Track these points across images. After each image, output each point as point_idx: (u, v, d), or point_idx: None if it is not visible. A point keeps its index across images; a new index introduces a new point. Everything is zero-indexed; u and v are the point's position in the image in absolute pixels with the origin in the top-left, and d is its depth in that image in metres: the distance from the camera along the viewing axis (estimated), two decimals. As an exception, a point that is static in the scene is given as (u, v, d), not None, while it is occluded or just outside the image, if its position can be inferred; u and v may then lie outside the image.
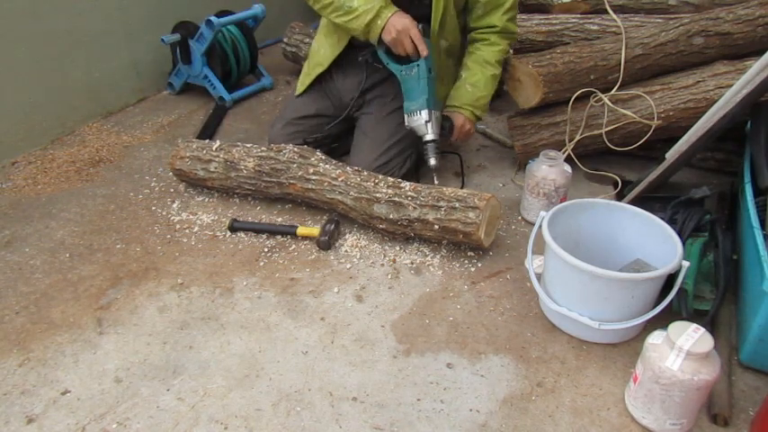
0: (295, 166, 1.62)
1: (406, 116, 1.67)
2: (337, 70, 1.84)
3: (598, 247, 1.35)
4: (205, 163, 1.71)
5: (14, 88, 2.00)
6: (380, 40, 1.59)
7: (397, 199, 1.50)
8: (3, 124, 1.98)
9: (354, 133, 1.88)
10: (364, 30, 1.58)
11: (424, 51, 1.58)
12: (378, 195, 1.52)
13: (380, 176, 1.57)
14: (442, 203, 1.46)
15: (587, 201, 1.38)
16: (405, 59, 1.63)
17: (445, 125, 1.72)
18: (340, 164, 1.64)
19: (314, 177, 1.60)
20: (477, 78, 1.76)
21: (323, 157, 1.65)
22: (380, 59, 1.67)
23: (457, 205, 1.45)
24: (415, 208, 1.48)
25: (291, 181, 1.63)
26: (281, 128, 1.87)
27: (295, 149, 1.67)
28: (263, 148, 1.70)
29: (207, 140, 1.82)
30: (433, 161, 1.65)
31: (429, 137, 1.64)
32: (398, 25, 1.55)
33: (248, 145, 1.73)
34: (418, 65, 1.60)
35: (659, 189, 1.61)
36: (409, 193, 1.50)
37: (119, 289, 1.42)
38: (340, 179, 1.56)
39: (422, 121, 1.63)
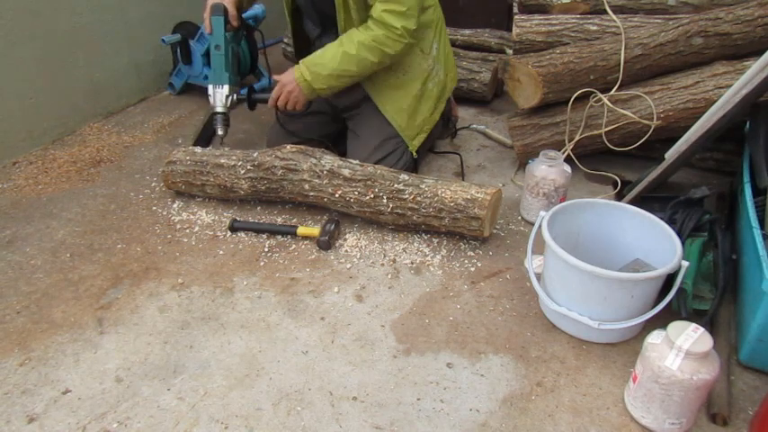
0: (287, 183, 1.62)
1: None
2: None
3: (598, 247, 1.36)
4: (199, 187, 1.72)
5: (15, 88, 2.00)
6: None
7: (399, 211, 1.52)
8: (3, 124, 1.98)
9: (347, 133, 1.88)
10: None
11: (206, 29, 1.83)
12: (380, 209, 1.54)
13: (377, 185, 1.54)
14: (443, 214, 1.48)
15: (587, 201, 1.39)
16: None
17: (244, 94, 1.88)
18: (333, 166, 1.62)
19: (312, 194, 1.61)
20: (330, 47, 1.66)
21: (315, 171, 1.60)
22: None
23: (459, 216, 1.47)
24: (418, 217, 1.52)
25: (290, 195, 1.66)
26: (280, 128, 1.88)
27: (282, 162, 1.62)
28: (249, 167, 1.64)
29: (191, 158, 1.74)
30: (220, 131, 1.87)
31: (215, 109, 1.86)
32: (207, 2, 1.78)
33: (232, 160, 1.67)
34: (207, 41, 1.86)
35: (659, 189, 1.61)
36: (411, 205, 1.51)
37: (119, 289, 1.42)
38: (337, 194, 1.57)
39: (208, 93, 1.87)
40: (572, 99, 1.75)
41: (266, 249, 1.56)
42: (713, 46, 1.66)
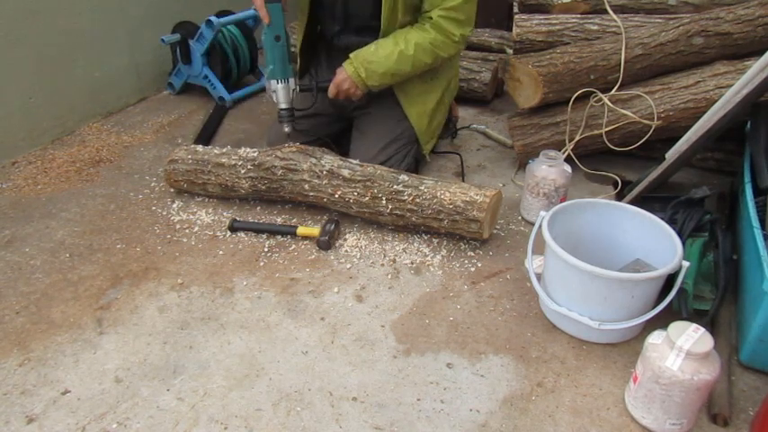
0: (287, 183, 1.62)
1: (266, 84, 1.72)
2: (330, 70, 1.84)
3: (598, 247, 1.35)
4: (201, 186, 1.73)
5: (15, 88, 2.00)
6: None
7: (398, 212, 1.53)
8: (3, 124, 1.98)
9: (352, 133, 1.88)
10: None
11: (264, 19, 1.59)
12: (379, 209, 1.53)
13: (376, 186, 1.54)
14: (442, 216, 1.48)
15: (587, 201, 1.38)
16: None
17: (312, 86, 1.73)
18: (333, 167, 1.62)
19: (311, 194, 1.61)
20: (384, 45, 1.64)
21: (315, 171, 1.60)
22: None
23: (458, 218, 1.47)
24: (417, 219, 1.52)
25: (290, 195, 1.66)
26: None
27: (282, 162, 1.63)
28: (249, 167, 1.65)
29: (192, 157, 1.74)
30: (286, 128, 1.70)
31: (280, 105, 1.69)
32: None
33: (233, 160, 1.68)
34: (265, 32, 1.61)
35: (659, 189, 1.61)
36: (410, 206, 1.51)
37: (119, 289, 1.42)
38: (337, 195, 1.57)
39: (270, 90, 1.68)
40: (572, 99, 1.75)
41: (266, 249, 1.56)
42: (714, 46, 1.66)
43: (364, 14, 1.70)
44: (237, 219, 1.64)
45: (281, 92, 1.67)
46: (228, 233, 1.62)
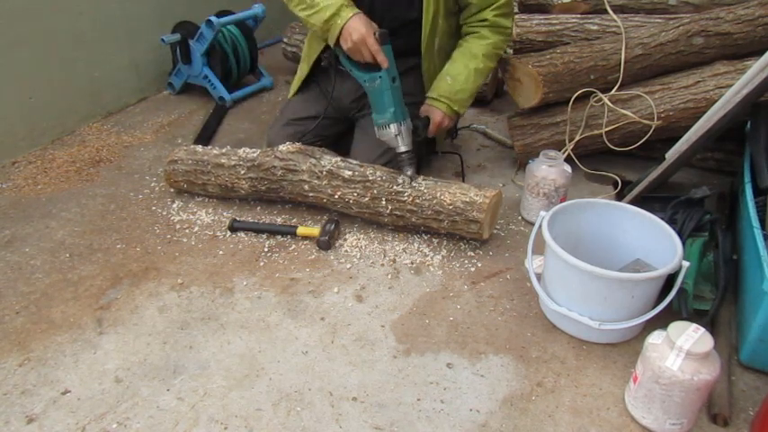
0: (287, 183, 1.62)
1: (375, 129, 1.56)
2: (337, 73, 1.84)
3: (598, 247, 1.35)
4: (201, 186, 1.73)
5: (15, 88, 2.00)
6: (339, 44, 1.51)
7: (398, 213, 1.53)
8: (3, 124, 1.98)
9: (354, 133, 1.87)
10: (323, 27, 1.50)
11: (384, 63, 1.47)
12: (379, 210, 1.53)
13: (376, 187, 1.53)
14: (442, 217, 1.48)
15: (587, 201, 1.38)
16: (367, 66, 1.52)
17: (419, 126, 1.60)
18: (333, 167, 1.61)
19: (311, 194, 1.61)
20: (458, 71, 1.67)
21: (314, 171, 1.59)
22: (343, 64, 1.57)
23: (458, 219, 1.47)
24: (417, 219, 1.52)
25: (290, 195, 1.66)
26: (280, 128, 1.87)
27: (281, 163, 1.62)
28: (248, 167, 1.64)
29: (192, 158, 1.73)
30: (409, 171, 1.54)
31: (401, 149, 1.54)
32: (354, 35, 1.45)
33: (233, 160, 1.67)
34: (380, 77, 1.48)
35: (659, 189, 1.61)
36: (409, 207, 1.51)
37: (119, 289, 1.42)
38: (336, 195, 1.57)
39: (391, 135, 1.53)
40: (572, 99, 1.75)
41: (266, 249, 1.56)
42: (714, 46, 1.66)
43: (396, 27, 1.61)
44: (237, 219, 1.64)
45: (405, 134, 1.53)
46: (228, 233, 1.62)
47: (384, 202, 1.52)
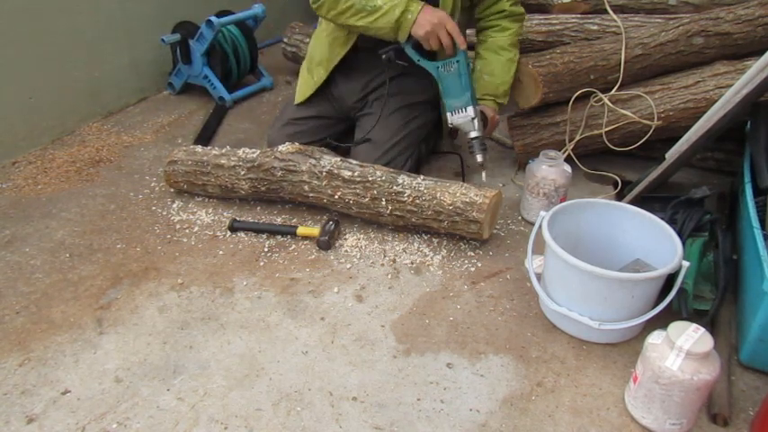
0: (287, 184, 1.62)
1: (448, 114, 1.59)
2: (339, 74, 1.84)
3: (598, 247, 1.35)
4: (201, 187, 1.73)
5: (15, 88, 2.00)
6: (410, 36, 1.54)
7: (398, 213, 1.53)
8: (3, 124, 1.98)
9: (355, 133, 1.88)
10: (394, 26, 1.52)
11: (462, 44, 1.52)
12: (379, 210, 1.54)
13: (376, 187, 1.53)
14: (442, 217, 1.48)
15: (587, 201, 1.38)
16: (434, 55, 1.59)
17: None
18: (332, 167, 1.61)
19: (311, 195, 1.61)
20: (492, 67, 1.74)
21: (314, 172, 1.59)
22: (409, 57, 1.59)
23: (458, 219, 1.47)
24: (417, 220, 1.52)
25: (290, 196, 1.66)
26: (280, 128, 1.87)
27: (281, 164, 1.62)
28: (248, 167, 1.65)
29: (192, 158, 1.73)
30: (479, 157, 1.59)
31: (474, 134, 1.58)
32: (434, 18, 1.49)
33: (233, 161, 1.67)
34: (458, 60, 1.53)
35: (659, 189, 1.61)
36: (409, 207, 1.51)
37: (119, 289, 1.42)
38: (336, 196, 1.57)
39: (468, 118, 1.56)
40: (572, 99, 1.75)
41: (266, 249, 1.56)
42: (714, 46, 1.66)
43: None
44: (237, 219, 1.64)
45: (479, 118, 1.59)
46: (228, 233, 1.62)
47: (384, 203, 1.52)
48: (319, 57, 1.83)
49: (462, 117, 1.57)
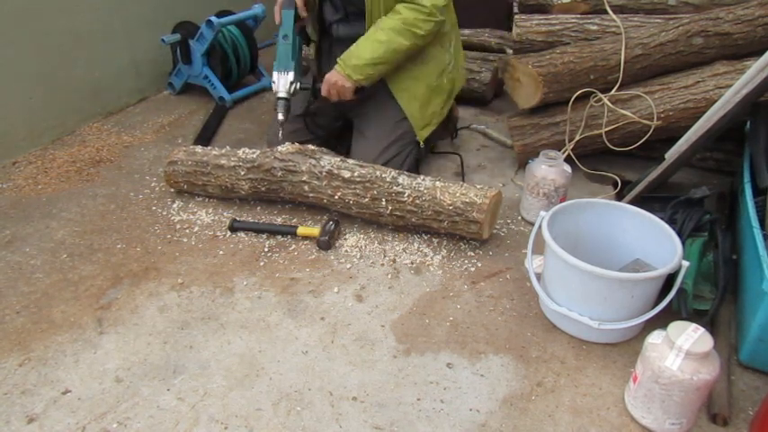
0: (287, 184, 1.63)
1: (275, 73, 1.80)
2: (328, 66, 1.84)
3: (598, 247, 1.35)
4: (201, 187, 1.73)
5: (15, 88, 2.00)
6: None
7: (398, 213, 1.53)
8: (3, 124, 1.98)
9: (353, 135, 1.88)
10: None
11: (276, 19, 1.80)
12: (379, 210, 1.54)
13: (376, 187, 1.53)
14: (442, 217, 1.48)
15: (587, 201, 1.39)
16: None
17: (317, 82, 1.81)
18: (332, 167, 1.61)
19: (311, 195, 1.61)
20: (363, 38, 1.69)
21: (314, 172, 1.60)
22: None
23: (457, 219, 1.47)
24: (417, 220, 1.52)
25: (290, 196, 1.66)
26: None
27: (281, 164, 1.63)
28: (248, 167, 1.65)
29: (192, 159, 1.74)
30: (280, 116, 1.76)
31: (279, 93, 1.77)
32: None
33: (233, 161, 1.68)
34: (275, 34, 1.81)
35: (659, 189, 1.61)
36: (409, 208, 1.51)
37: (119, 289, 1.42)
38: (336, 196, 1.57)
39: (272, 81, 1.80)
40: (572, 99, 1.75)
41: (266, 249, 1.56)
42: (713, 46, 1.66)
43: (357, 3, 1.72)
44: (237, 219, 1.64)
45: (280, 81, 1.77)
46: (228, 233, 1.62)
47: (384, 203, 1.53)
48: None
49: (272, 79, 1.80)
